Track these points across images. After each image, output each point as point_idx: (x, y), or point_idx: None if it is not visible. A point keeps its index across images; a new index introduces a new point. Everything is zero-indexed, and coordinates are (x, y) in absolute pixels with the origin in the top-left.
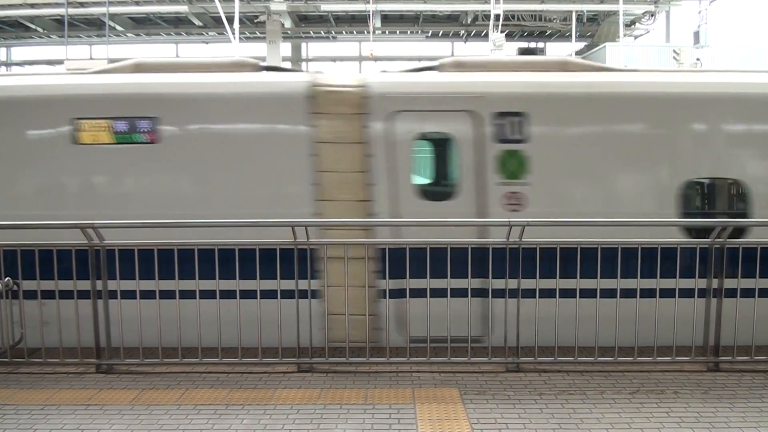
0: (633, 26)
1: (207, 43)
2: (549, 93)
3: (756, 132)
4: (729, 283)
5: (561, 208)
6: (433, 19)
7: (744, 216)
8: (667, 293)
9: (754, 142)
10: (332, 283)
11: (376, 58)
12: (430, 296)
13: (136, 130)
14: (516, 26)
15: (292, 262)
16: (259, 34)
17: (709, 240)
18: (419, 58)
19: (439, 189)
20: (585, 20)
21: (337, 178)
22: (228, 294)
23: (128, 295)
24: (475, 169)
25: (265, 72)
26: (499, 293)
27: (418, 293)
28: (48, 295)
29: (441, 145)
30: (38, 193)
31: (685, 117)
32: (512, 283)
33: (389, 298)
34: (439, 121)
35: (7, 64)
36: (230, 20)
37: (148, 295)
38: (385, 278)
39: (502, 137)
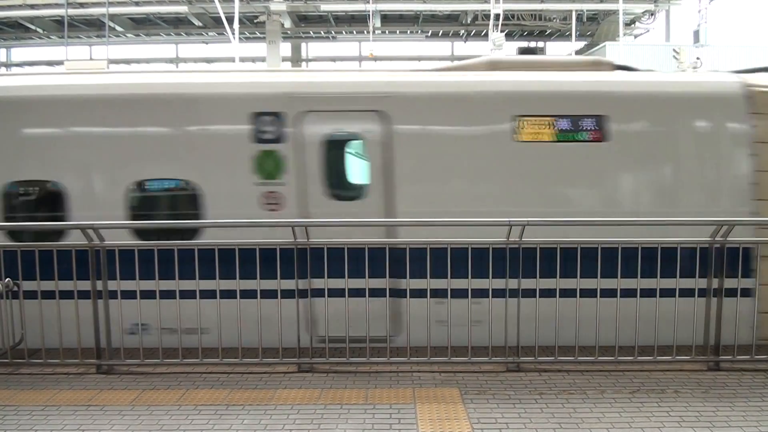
0: (633, 25)
1: (207, 43)
2: None
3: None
4: (729, 283)
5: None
6: (432, 18)
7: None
8: (667, 293)
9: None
10: None
11: (375, 58)
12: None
13: (579, 128)
14: (516, 26)
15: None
16: (258, 34)
17: (709, 239)
18: (419, 58)
19: None
20: (585, 19)
21: None
22: (228, 294)
23: (128, 295)
24: None
25: (618, 71)
26: (499, 293)
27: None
28: (48, 295)
29: None
30: (475, 189)
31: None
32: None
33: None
34: None
35: (7, 65)
36: (230, 20)
37: (148, 295)
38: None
39: None
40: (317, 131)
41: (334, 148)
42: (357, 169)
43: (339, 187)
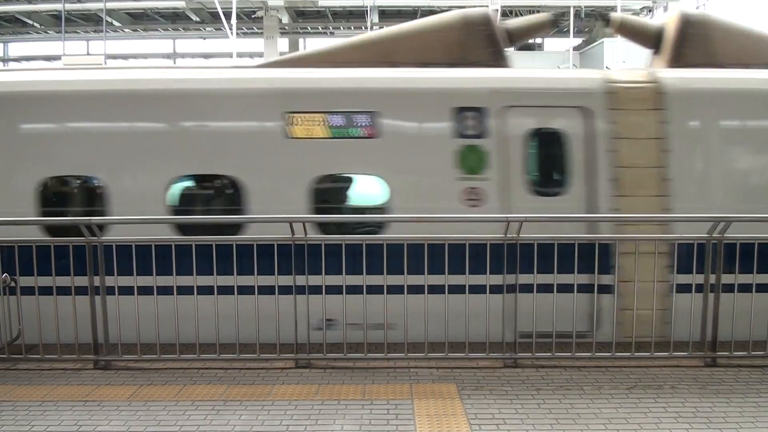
0: None
1: (204, 38)
2: None
3: None
4: (726, 279)
5: None
6: (430, 14)
7: None
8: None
9: None
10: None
11: None
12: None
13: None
14: None
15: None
16: (256, 30)
17: (706, 235)
18: None
19: None
20: (583, 16)
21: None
22: (226, 290)
23: (126, 291)
24: None
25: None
26: (496, 289)
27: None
28: (45, 291)
29: None
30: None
31: None
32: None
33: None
34: None
35: (4, 60)
36: (227, 16)
37: (145, 291)
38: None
39: None
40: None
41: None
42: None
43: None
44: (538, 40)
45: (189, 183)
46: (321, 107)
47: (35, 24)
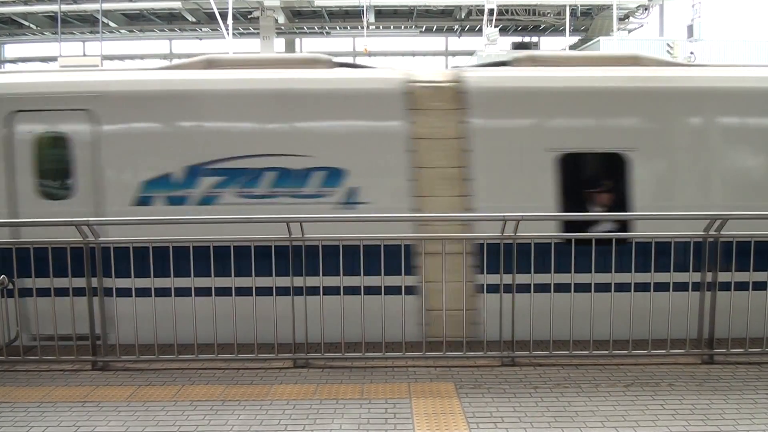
0: (627, 20)
1: (200, 39)
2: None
3: None
4: (723, 276)
5: None
6: (426, 13)
7: None
8: (661, 287)
9: None
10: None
11: (370, 54)
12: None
13: None
14: (510, 21)
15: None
16: (252, 30)
17: (703, 233)
18: (413, 54)
19: None
20: (579, 14)
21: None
22: (224, 291)
23: (124, 292)
24: None
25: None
26: (492, 288)
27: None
28: (44, 292)
29: None
30: None
31: None
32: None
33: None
34: None
35: (0, 61)
36: (224, 16)
37: (143, 292)
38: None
39: None
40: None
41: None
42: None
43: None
44: (535, 39)
45: None
46: None
47: (31, 25)
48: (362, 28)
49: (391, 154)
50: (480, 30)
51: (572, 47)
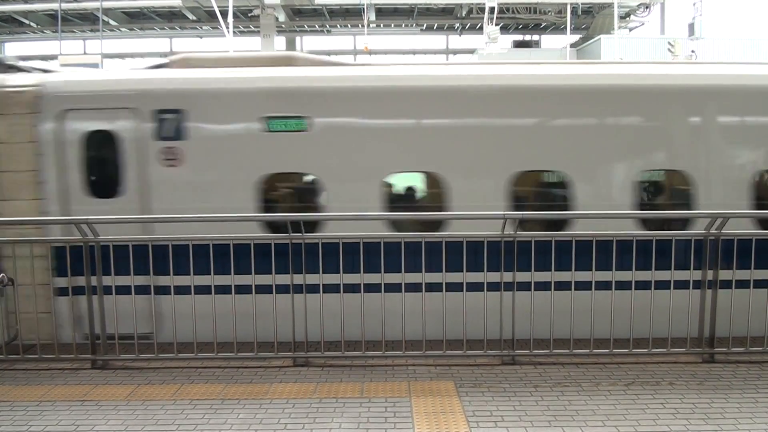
0: (628, 18)
1: (201, 37)
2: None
3: None
4: (724, 275)
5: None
6: (427, 12)
7: None
8: (662, 285)
9: None
10: None
11: (371, 52)
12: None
13: None
14: (511, 19)
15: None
16: (253, 28)
17: (703, 232)
18: (414, 52)
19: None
20: (580, 12)
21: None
22: (223, 289)
23: (123, 290)
24: None
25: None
26: (493, 287)
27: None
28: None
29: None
30: None
31: None
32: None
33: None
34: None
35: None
36: (224, 14)
37: (144, 290)
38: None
39: None
40: None
41: None
42: None
43: None
44: (535, 37)
45: None
46: None
47: (32, 24)
48: (363, 26)
49: None
50: (481, 28)
51: (573, 45)
